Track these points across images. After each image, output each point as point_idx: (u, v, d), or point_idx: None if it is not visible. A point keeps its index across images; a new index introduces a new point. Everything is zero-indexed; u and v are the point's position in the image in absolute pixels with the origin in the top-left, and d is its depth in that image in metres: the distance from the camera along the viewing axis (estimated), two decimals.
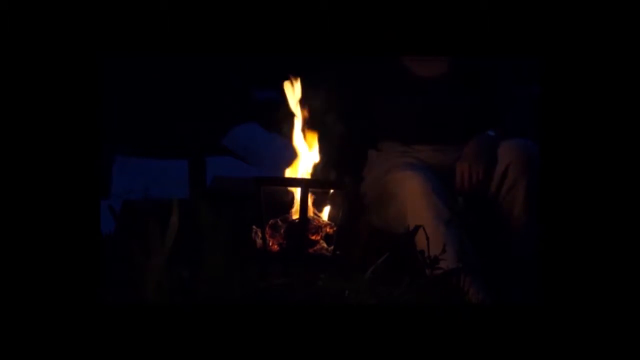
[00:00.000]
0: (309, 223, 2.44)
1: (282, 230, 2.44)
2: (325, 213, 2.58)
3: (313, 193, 2.51)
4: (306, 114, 2.60)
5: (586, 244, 2.02)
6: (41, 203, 2.00)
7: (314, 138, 2.60)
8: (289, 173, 2.60)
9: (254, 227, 2.48)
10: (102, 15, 2.13)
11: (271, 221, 2.46)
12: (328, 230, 2.48)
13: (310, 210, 2.50)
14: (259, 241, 2.45)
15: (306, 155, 2.60)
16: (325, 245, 2.46)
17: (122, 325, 2.00)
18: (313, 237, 2.45)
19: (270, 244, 2.44)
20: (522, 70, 2.98)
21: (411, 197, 2.60)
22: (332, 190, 2.56)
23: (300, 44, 2.32)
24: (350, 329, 2.02)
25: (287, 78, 2.63)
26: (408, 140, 2.89)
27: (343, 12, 2.26)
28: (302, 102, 2.63)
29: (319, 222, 2.49)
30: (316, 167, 2.61)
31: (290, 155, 2.66)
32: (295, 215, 2.47)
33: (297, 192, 2.50)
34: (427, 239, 2.38)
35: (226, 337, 2.00)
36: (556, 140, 2.08)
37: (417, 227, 2.43)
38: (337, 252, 2.46)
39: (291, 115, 2.63)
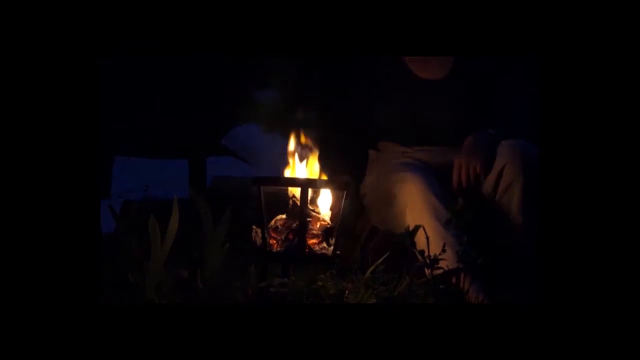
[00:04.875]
0: (309, 225, 2.44)
1: (282, 235, 2.44)
2: (325, 212, 2.58)
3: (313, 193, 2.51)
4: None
5: (586, 244, 2.02)
6: (41, 203, 2.00)
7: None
8: (290, 173, 2.60)
9: (254, 227, 2.48)
10: (101, 16, 2.13)
11: (272, 224, 2.46)
12: (327, 224, 2.47)
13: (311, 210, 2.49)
14: (259, 241, 2.45)
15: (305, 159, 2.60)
16: (325, 245, 2.46)
17: (122, 325, 2.00)
18: (313, 241, 2.45)
19: (274, 246, 2.44)
20: (522, 70, 2.98)
21: (410, 198, 2.60)
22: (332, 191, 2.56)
23: (300, 44, 2.32)
24: (350, 329, 2.02)
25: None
26: (408, 141, 2.89)
27: (343, 12, 2.26)
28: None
29: (319, 218, 2.48)
30: (316, 168, 2.61)
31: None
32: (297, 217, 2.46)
33: (297, 192, 2.49)
34: (427, 239, 2.38)
35: (226, 337, 2.00)
36: (556, 139, 2.08)
37: (417, 227, 2.43)
38: (337, 252, 2.46)
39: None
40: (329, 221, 2.47)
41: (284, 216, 2.48)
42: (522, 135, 2.76)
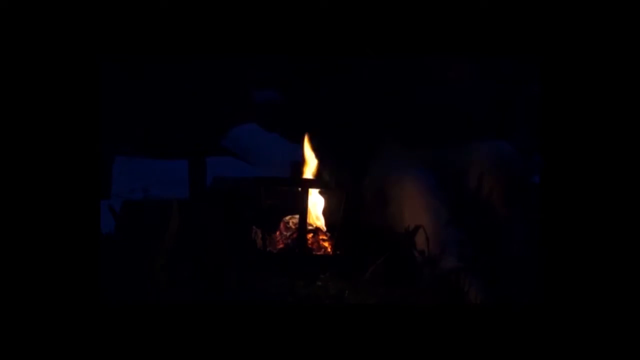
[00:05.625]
0: (313, 232, 2.45)
1: (289, 233, 2.45)
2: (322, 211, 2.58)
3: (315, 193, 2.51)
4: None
5: (586, 243, 2.02)
6: (41, 203, 2.00)
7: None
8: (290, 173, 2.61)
9: (254, 227, 2.48)
10: (102, 17, 2.13)
11: (287, 219, 2.47)
12: (329, 244, 2.48)
13: (314, 216, 2.50)
14: (259, 241, 2.45)
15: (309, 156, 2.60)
16: (327, 249, 2.47)
17: (121, 325, 2.00)
18: (315, 246, 2.46)
19: (279, 243, 2.45)
20: (523, 70, 2.98)
21: (410, 198, 2.60)
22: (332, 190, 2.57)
23: (300, 44, 2.32)
24: (350, 329, 2.02)
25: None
26: (408, 141, 2.89)
27: (342, 12, 2.26)
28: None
29: (324, 236, 2.49)
30: (317, 167, 2.61)
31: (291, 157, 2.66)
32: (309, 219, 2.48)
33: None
34: (427, 239, 2.38)
35: (226, 337, 2.00)
36: (556, 139, 2.08)
37: (417, 227, 2.43)
38: (337, 252, 2.46)
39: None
40: (331, 241, 2.49)
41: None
42: (522, 134, 2.77)
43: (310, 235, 2.46)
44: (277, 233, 2.47)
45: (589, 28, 2.08)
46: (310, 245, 2.45)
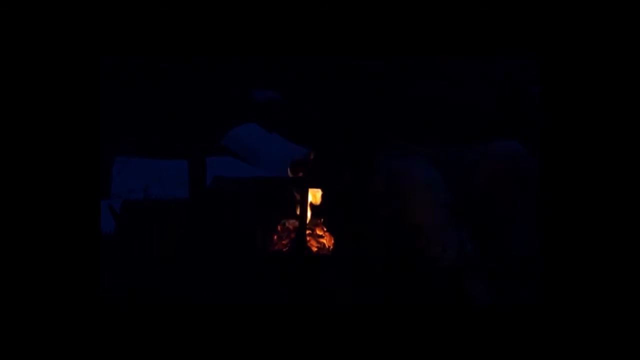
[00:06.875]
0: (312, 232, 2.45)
1: (285, 234, 2.45)
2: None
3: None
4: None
5: (586, 244, 2.02)
6: (42, 203, 2.00)
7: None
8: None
9: (254, 227, 2.48)
10: (103, 18, 2.13)
11: (283, 221, 2.47)
12: (328, 249, 2.49)
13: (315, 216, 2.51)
14: (259, 241, 2.46)
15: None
16: (325, 245, 2.46)
17: (121, 324, 2.00)
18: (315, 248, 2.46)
19: (276, 244, 2.45)
20: (528, 70, 2.98)
21: (414, 193, 2.59)
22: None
23: (301, 45, 2.32)
24: (350, 329, 2.02)
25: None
26: (414, 138, 2.88)
27: (343, 13, 2.26)
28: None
29: (324, 244, 2.50)
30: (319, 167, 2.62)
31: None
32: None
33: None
34: (427, 239, 2.38)
35: (226, 337, 2.00)
36: (556, 139, 2.08)
37: (418, 227, 2.43)
38: (337, 252, 2.46)
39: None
40: (331, 240, 2.49)
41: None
42: (522, 132, 2.77)
43: (308, 233, 2.46)
44: (275, 235, 2.47)
45: (588, 28, 2.08)
46: (309, 245, 2.45)
